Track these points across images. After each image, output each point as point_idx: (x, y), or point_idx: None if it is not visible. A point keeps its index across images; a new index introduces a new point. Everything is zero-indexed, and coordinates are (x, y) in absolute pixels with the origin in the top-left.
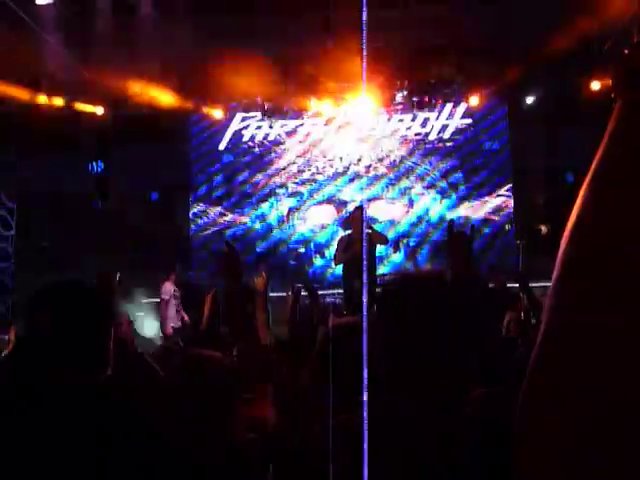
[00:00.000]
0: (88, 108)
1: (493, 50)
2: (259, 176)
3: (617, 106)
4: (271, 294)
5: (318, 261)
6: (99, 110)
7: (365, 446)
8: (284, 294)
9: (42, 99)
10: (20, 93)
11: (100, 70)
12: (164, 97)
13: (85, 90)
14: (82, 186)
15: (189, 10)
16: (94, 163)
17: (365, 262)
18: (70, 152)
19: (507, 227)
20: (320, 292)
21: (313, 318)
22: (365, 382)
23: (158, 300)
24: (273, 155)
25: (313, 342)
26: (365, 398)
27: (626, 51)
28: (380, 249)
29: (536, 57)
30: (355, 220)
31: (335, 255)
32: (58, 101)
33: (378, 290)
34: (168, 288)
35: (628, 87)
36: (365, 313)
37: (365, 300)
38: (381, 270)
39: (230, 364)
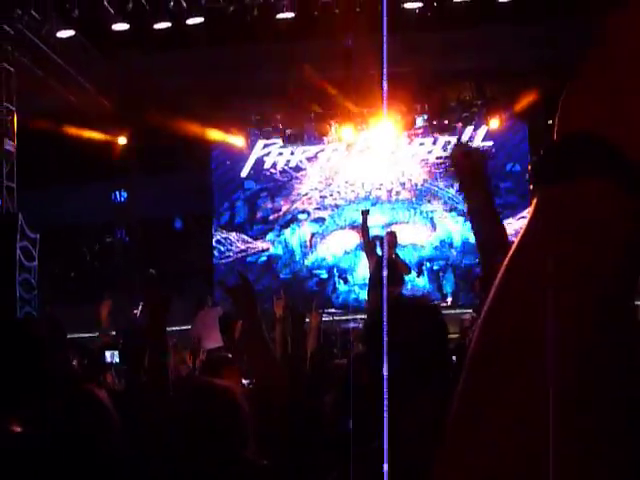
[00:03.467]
0: (111, 138)
1: (513, 73)
2: (281, 202)
3: (536, 198)
4: None
5: (342, 286)
6: (121, 140)
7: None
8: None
9: (66, 130)
10: (44, 125)
11: (122, 100)
12: (186, 126)
13: (108, 120)
14: (105, 216)
15: (205, 39)
16: (117, 193)
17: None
18: (93, 182)
19: None
20: (344, 317)
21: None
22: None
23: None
24: (295, 181)
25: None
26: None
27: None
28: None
29: (556, 78)
30: (384, 244)
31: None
32: (82, 132)
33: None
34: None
35: (543, 181)
36: (386, 339)
37: (385, 325)
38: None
39: (239, 394)
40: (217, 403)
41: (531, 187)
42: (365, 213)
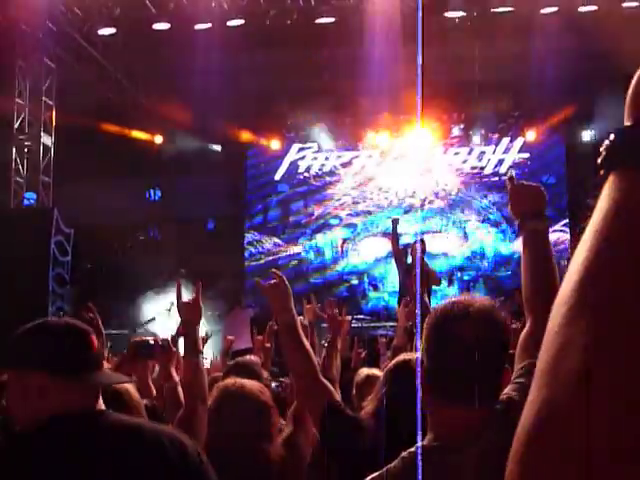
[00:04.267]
0: (148, 137)
1: (550, 85)
2: (314, 206)
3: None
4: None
5: (372, 294)
6: (158, 139)
7: None
8: None
9: (103, 127)
10: (82, 121)
11: (160, 99)
12: (222, 128)
13: (145, 119)
14: (138, 214)
15: (244, 42)
16: (151, 191)
17: (418, 297)
18: (128, 179)
19: (563, 263)
20: (372, 324)
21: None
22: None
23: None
24: (328, 186)
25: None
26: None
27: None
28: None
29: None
30: (414, 252)
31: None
32: (119, 129)
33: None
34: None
35: (617, 165)
36: (418, 348)
37: (418, 333)
38: (434, 304)
39: (267, 395)
40: (247, 404)
41: (601, 172)
42: (395, 221)
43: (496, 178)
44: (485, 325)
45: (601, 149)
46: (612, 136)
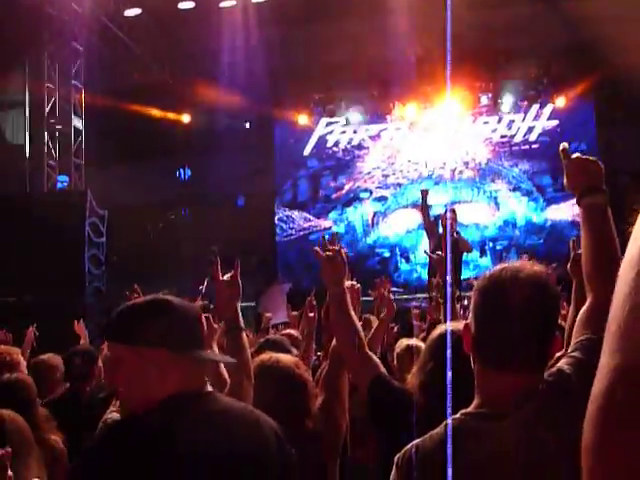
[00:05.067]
0: (175, 116)
1: (579, 50)
2: (344, 180)
3: None
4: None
5: (404, 265)
6: (186, 118)
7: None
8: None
9: (132, 108)
10: (111, 102)
11: (188, 79)
12: (248, 104)
13: (172, 98)
14: (169, 193)
15: (272, 18)
16: (182, 170)
17: (449, 266)
18: (158, 159)
19: None
20: (404, 296)
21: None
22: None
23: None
24: (357, 160)
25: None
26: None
27: None
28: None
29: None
30: (445, 222)
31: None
32: (147, 110)
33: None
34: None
35: None
36: (449, 317)
37: (449, 304)
38: (467, 274)
39: (303, 369)
40: (282, 380)
41: None
42: (425, 192)
43: (526, 146)
44: (534, 292)
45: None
46: None
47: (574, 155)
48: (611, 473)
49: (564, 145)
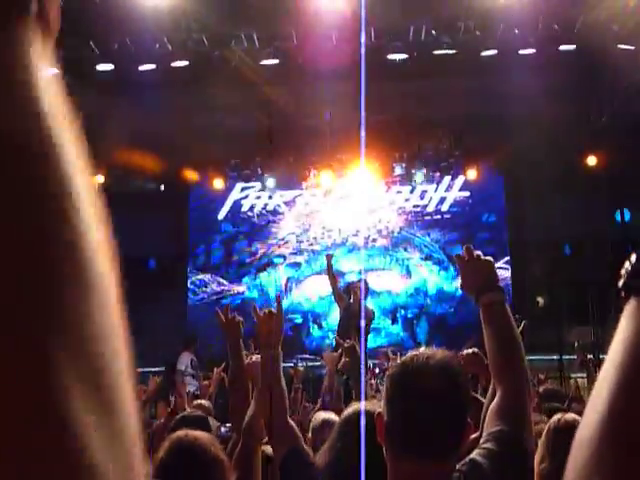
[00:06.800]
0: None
1: (490, 123)
2: (258, 245)
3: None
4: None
5: (315, 331)
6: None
7: None
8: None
9: None
10: None
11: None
12: (163, 166)
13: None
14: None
15: (188, 81)
16: None
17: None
18: None
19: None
20: (317, 363)
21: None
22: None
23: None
24: (272, 225)
25: None
26: None
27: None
28: (377, 321)
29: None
30: (356, 290)
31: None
32: None
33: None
34: (185, 359)
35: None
36: (363, 386)
37: (362, 371)
38: (378, 342)
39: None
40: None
41: (621, 295)
42: (329, 257)
43: (438, 216)
44: (444, 380)
45: (621, 271)
46: (633, 258)
47: (465, 256)
48: None
49: (468, 246)
